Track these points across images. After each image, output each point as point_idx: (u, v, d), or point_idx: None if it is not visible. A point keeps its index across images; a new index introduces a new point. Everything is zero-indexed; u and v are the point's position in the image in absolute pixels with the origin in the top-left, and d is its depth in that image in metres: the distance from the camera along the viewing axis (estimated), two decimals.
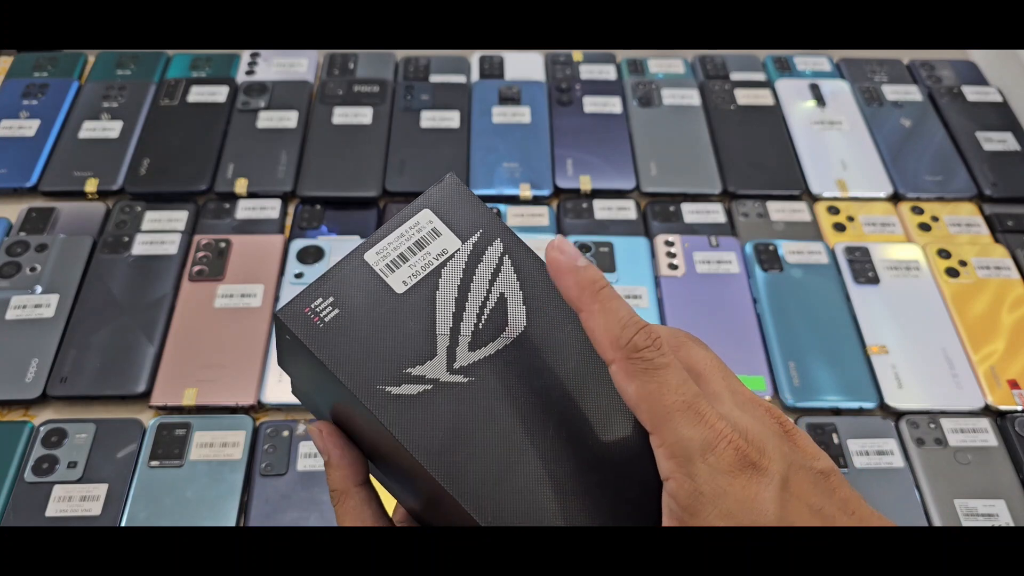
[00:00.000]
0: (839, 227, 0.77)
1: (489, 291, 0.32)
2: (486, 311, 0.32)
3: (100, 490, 0.58)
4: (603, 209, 0.77)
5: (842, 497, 0.28)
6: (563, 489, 0.30)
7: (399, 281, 0.32)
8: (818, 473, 0.28)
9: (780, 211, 0.78)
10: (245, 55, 0.90)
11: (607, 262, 0.72)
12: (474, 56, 0.92)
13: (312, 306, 0.31)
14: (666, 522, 0.28)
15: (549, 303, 0.33)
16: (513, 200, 0.78)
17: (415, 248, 0.32)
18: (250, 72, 0.88)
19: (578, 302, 0.29)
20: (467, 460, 0.30)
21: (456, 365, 0.31)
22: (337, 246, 0.73)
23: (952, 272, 0.73)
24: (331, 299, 0.31)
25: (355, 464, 0.33)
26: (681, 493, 0.27)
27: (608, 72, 0.90)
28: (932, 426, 0.63)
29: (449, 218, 0.33)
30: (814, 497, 0.27)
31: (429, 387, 0.30)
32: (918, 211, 0.78)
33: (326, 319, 0.31)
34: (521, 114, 0.84)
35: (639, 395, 0.28)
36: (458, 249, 0.33)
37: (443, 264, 0.32)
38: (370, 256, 0.32)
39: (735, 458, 0.26)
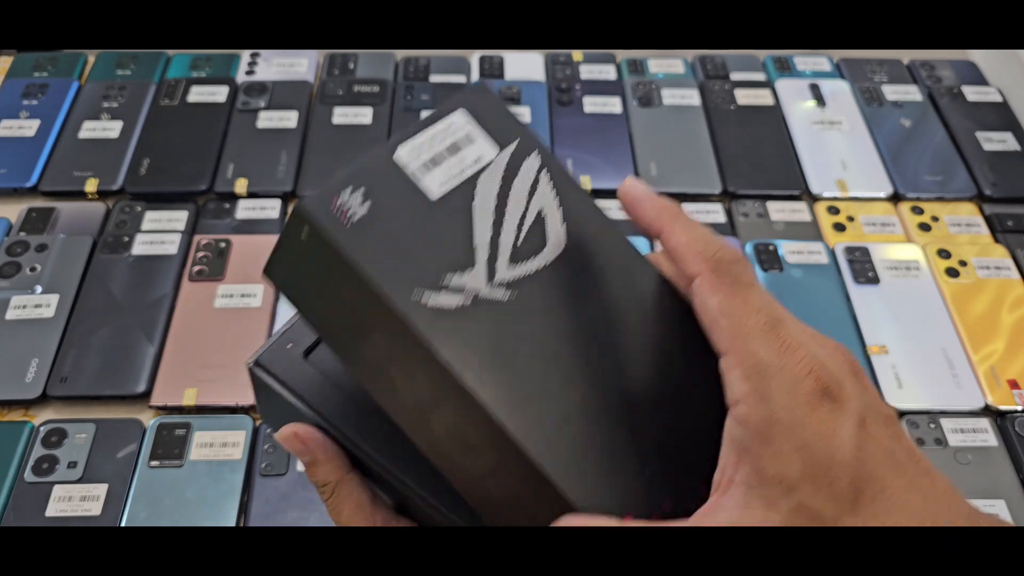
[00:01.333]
0: (839, 227, 0.77)
1: (527, 206, 0.30)
2: (524, 227, 0.30)
3: (100, 490, 0.58)
4: (603, 209, 0.77)
5: (907, 446, 0.27)
6: (616, 421, 0.28)
7: (433, 185, 0.29)
8: (887, 417, 0.27)
9: (780, 211, 0.78)
10: (245, 55, 0.90)
11: None
12: (474, 56, 0.92)
13: (339, 202, 0.27)
14: (726, 453, 0.26)
15: (587, 226, 0.31)
16: None
17: (449, 151, 0.29)
18: (250, 72, 0.88)
19: (658, 222, 0.29)
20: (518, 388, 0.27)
21: (497, 279, 0.28)
22: None
23: (952, 272, 0.73)
24: (360, 192, 0.27)
25: (340, 455, 0.33)
26: (754, 417, 0.25)
27: (608, 72, 0.90)
28: (932, 426, 0.63)
29: (485, 123, 0.30)
30: (886, 440, 0.26)
31: (468, 302, 0.28)
32: (918, 211, 0.78)
33: (354, 218, 0.27)
34: (521, 114, 0.84)
35: (721, 309, 0.27)
36: (495, 157, 0.30)
37: (479, 172, 0.29)
38: (401, 154, 0.29)
39: (815, 388, 0.25)
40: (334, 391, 0.32)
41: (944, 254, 0.74)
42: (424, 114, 0.83)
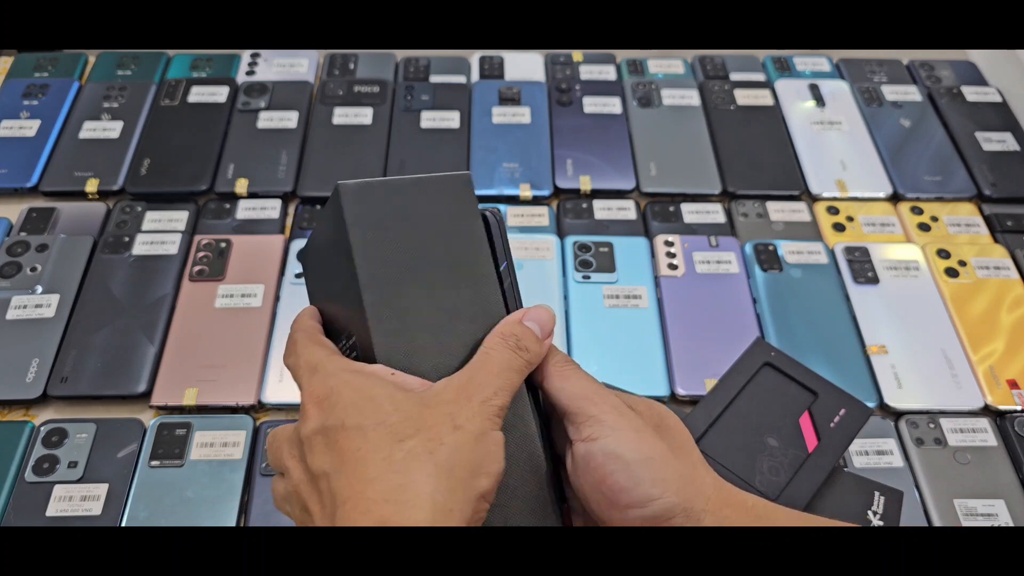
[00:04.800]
0: (839, 227, 0.77)
1: None
2: None
3: (100, 490, 0.58)
4: (603, 209, 0.77)
5: None
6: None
7: None
8: None
9: (780, 211, 0.78)
10: (245, 55, 0.90)
11: (607, 262, 0.72)
12: (474, 56, 0.92)
13: None
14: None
15: None
16: (513, 200, 0.78)
17: None
18: (250, 72, 0.88)
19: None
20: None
21: None
22: None
23: (951, 272, 0.73)
24: None
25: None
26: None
27: (608, 72, 0.90)
28: (931, 426, 0.63)
29: None
30: None
31: None
32: (917, 211, 0.78)
33: None
34: (521, 114, 0.84)
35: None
36: None
37: None
38: None
39: None
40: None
41: (943, 254, 0.74)
42: (424, 115, 0.83)
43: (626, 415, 0.35)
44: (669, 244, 0.73)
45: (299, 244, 0.73)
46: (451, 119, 0.84)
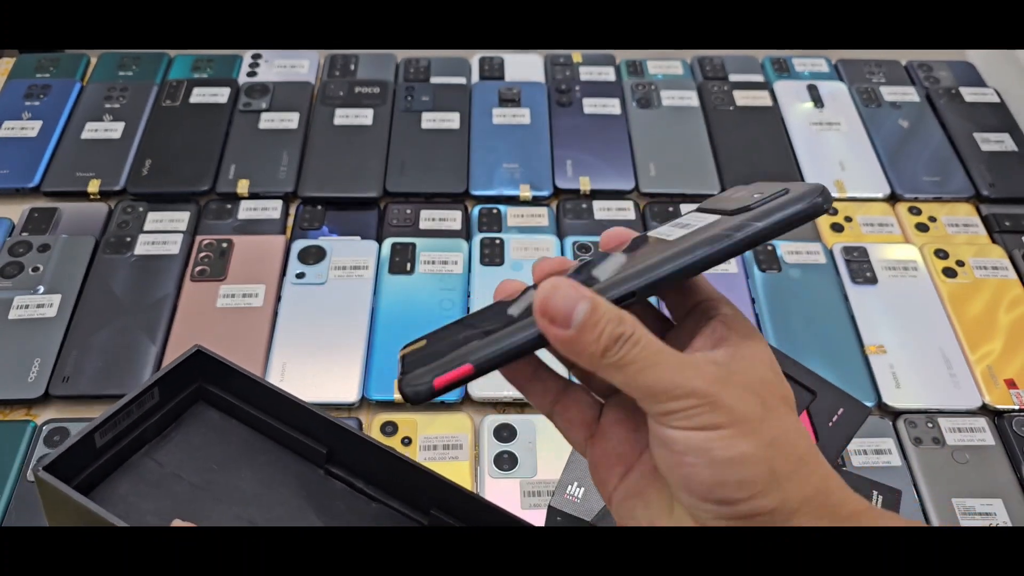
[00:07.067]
0: (837, 227, 0.77)
1: None
2: None
3: None
4: (602, 210, 0.77)
5: None
6: None
7: None
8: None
9: None
10: (247, 56, 0.91)
11: None
12: (474, 57, 0.92)
13: None
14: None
15: None
16: (513, 201, 0.78)
17: None
18: (251, 73, 0.89)
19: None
20: None
21: None
22: (338, 246, 0.73)
23: (949, 272, 0.73)
24: None
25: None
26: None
27: (607, 73, 0.90)
28: (930, 425, 0.64)
29: None
30: None
31: None
32: (916, 211, 0.79)
33: None
34: (521, 115, 0.85)
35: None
36: None
37: None
38: None
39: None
40: None
41: (941, 254, 0.74)
42: (425, 116, 0.83)
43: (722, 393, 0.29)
44: None
45: (300, 244, 0.73)
46: (451, 120, 0.84)
